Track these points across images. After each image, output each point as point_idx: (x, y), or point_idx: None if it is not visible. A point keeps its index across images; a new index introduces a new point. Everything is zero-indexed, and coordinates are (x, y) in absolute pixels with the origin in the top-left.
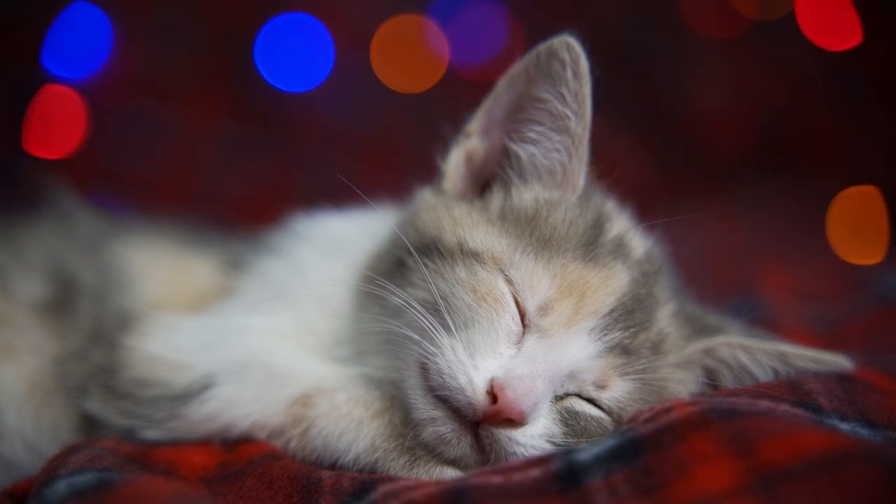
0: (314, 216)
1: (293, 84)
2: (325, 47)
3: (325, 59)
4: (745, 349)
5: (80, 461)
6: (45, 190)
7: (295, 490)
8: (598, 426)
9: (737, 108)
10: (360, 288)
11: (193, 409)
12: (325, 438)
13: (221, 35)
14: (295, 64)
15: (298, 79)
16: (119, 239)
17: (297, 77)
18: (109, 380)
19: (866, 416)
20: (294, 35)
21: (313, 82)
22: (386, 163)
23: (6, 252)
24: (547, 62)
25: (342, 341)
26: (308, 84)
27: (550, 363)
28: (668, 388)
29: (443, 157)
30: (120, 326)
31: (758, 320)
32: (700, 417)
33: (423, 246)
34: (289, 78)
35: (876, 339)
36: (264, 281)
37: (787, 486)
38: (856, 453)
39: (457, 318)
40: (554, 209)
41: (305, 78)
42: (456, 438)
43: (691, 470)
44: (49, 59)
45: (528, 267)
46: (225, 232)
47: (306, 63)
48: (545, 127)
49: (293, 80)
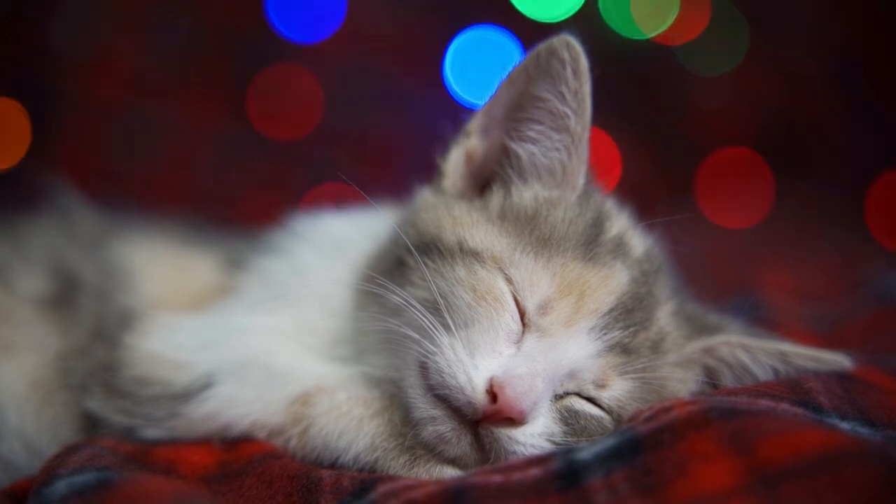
0: (314, 215)
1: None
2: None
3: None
4: (745, 348)
5: (79, 460)
6: (47, 188)
7: (295, 489)
8: (598, 425)
9: (737, 108)
10: (360, 287)
11: (193, 408)
12: (324, 437)
13: (221, 35)
14: None
15: None
16: (120, 237)
17: None
18: (110, 378)
19: (866, 415)
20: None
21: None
22: (386, 162)
23: (8, 248)
24: (547, 61)
25: (342, 340)
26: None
27: (550, 362)
28: (667, 387)
29: (443, 156)
30: (121, 325)
31: (757, 320)
32: (700, 416)
33: (422, 245)
34: None
35: (876, 338)
36: (264, 280)
37: (787, 485)
38: (856, 452)
39: (456, 317)
40: (554, 208)
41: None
42: (456, 437)
43: (691, 469)
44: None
45: (528, 266)
46: (225, 231)
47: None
48: (545, 126)
49: None
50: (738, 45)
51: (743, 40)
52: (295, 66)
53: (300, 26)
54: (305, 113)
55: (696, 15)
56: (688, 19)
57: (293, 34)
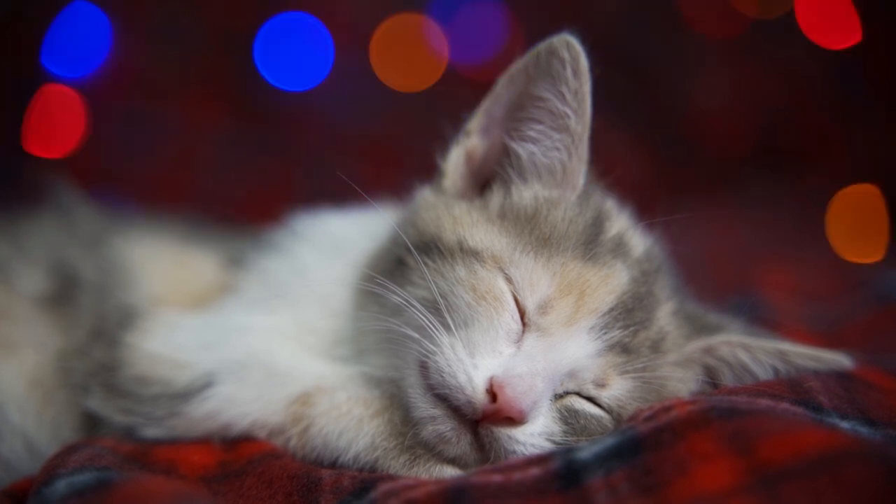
0: (315, 215)
1: (293, 83)
2: (324, 46)
3: (324, 57)
4: (745, 348)
5: (79, 460)
6: (47, 186)
7: (295, 489)
8: (598, 425)
9: (737, 108)
10: (360, 287)
11: (193, 408)
12: (324, 437)
13: (221, 35)
14: (294, 63)
15: (298, 78)
16: (120, 235)
17: (297, 76)
18: (110, 377)
19: (866, 415)
20: (293, 34)
21: (313, 81)
22: (386, 162)
23: (7, 246)
24: (547, 61)
25: (342, 340)
26: (308, 83)
27: (550, 362)
28: (667, 386)
29: (443, 155)
30: (121, 323)
31: (757, 319)
32: (700, 416)
33: (422, 244)
34: (288, 77)
35: (876, 338)
36: (265, 279)
37: (787, 485)
38: (856, 452)
39: (456, 316)
40: (554, 208)
41: (305, 77)
42: (455, 437)
43: (691, 469)
44: (48, 58)
45: (528, 265)
46: (226, 230)
47: (306, 62)
48: (545, 125)
49: (293, 78)
50: None
51: None
52: None
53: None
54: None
55: None
56: None
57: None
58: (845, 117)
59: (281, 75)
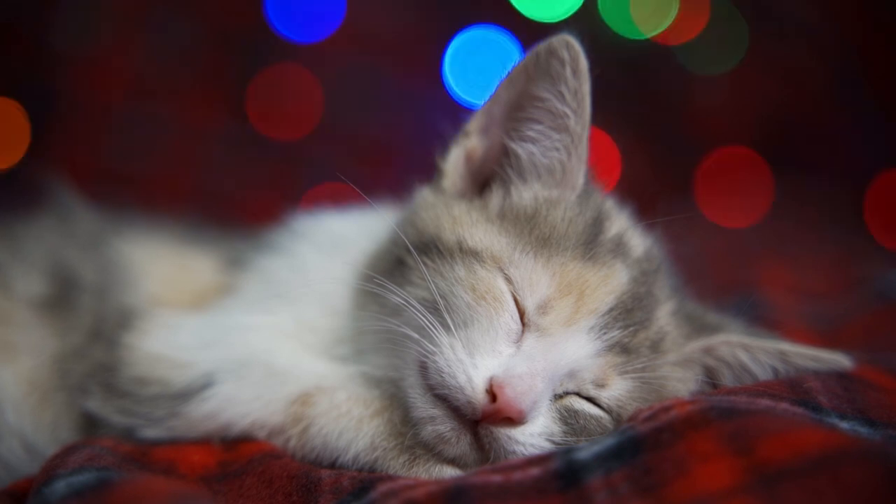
0: (314, 214)
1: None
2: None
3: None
4: (745, 348)
5: (79, 460)
6: (45, 187)
7: (295, 489)
8: (598, 425)
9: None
10: (359, 286)
11: (193, 408)
12: (324, 437)
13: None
14: None
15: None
16: (120, 235)
17: None
18: (109, 378)
19: (866, 415)
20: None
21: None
22: (386, 162)
23: (5, 249)
24: (546, 61)
25: (342, 340)
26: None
27: (550, 362)
28: (667, 386)
29: (442, 156)
30: (120, 324)
31: (757, 319)
32: (700, 416)
33: (422, 244)
34: None
35: (876, 337)
36: (264, 279)
37: (787, 485)
38: (855, 452)
39: (456, 316)
40: (553, 208)
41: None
42: (455, 437)
43: (691, 468)
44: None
45: (528, 265)
46: (225, 230)
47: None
48: (545, 125)
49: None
50: (738, 44)
51: (743, 40)
52: (294, 65)
53: (300, 26)
54: (305, 113)
55: (695, 14)
56: (687, 19)
57: (292, 34)
58: (845, 117)
59: None
